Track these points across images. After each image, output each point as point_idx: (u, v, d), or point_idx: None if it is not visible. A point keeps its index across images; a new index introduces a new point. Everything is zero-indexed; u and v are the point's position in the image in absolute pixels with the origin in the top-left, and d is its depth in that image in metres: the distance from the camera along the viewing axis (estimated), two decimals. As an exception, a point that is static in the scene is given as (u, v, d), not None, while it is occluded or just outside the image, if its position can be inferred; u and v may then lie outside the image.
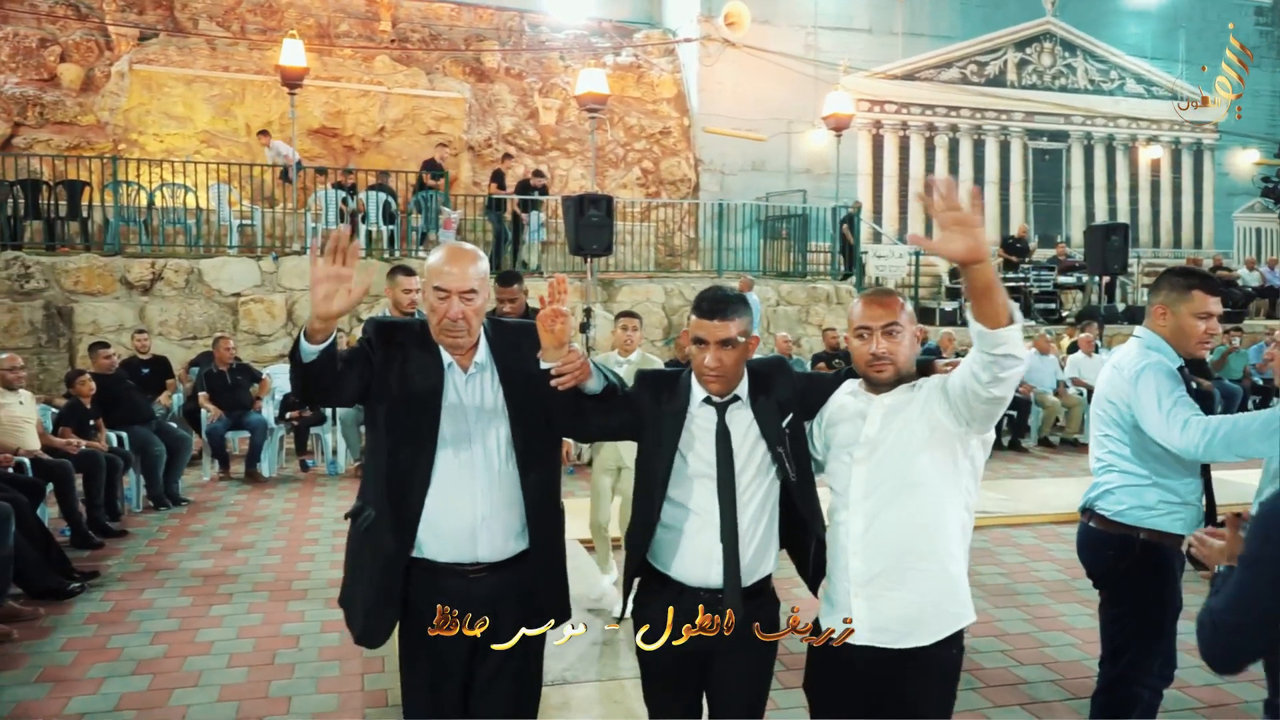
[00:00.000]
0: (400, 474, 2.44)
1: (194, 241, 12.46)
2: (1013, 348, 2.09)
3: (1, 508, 5.24)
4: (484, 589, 2.46)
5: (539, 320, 2.33)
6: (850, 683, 2.43)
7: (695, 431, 2.47)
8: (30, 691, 4.26)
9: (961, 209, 2.00)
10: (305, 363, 2.23)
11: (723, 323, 2.40)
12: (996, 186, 19.45)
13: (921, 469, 2.33)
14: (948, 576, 2.37)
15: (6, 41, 14.43)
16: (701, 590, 2.45)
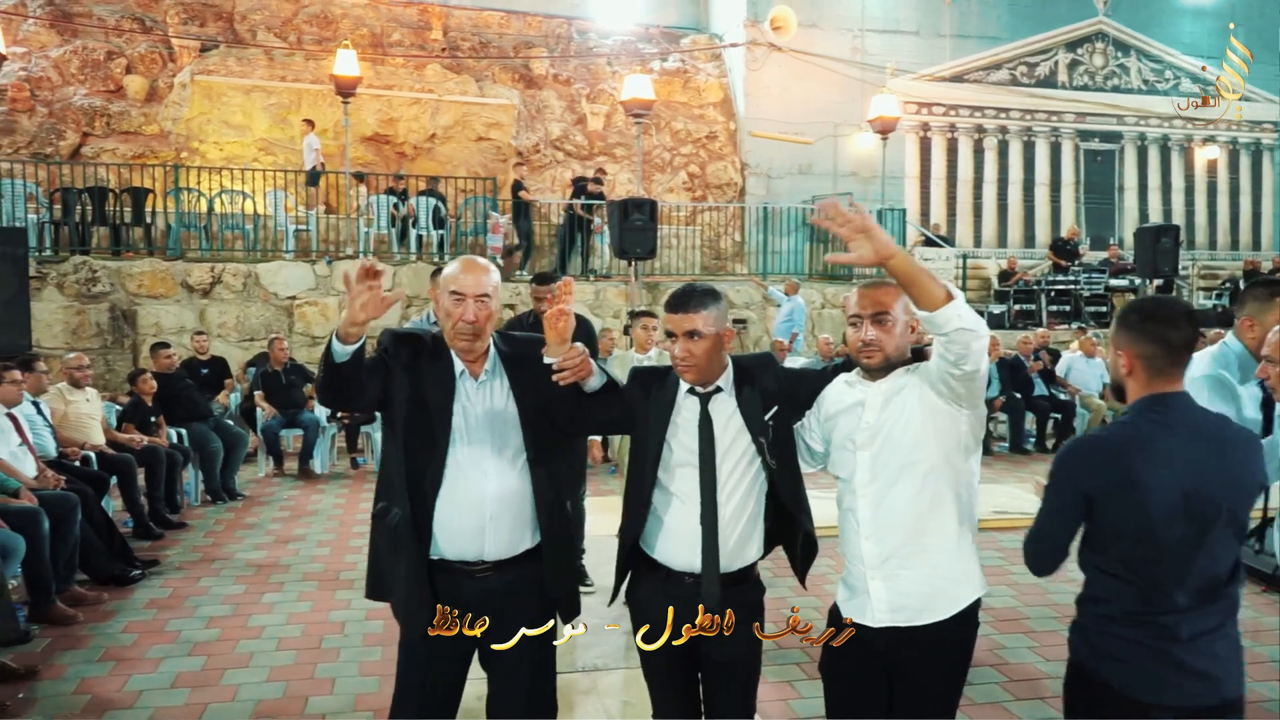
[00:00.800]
0: (416, 476, 2.58)
1: (251, 246, 12.86)
2: (961, 322, 2.20)
3: (69, 498, 5.55)
4: (490, 587, 2.60)
5: (545, 319, 2.50)
6: (867, 664, 2.51)
7: (680, 421, 2.62)
8: (94, 669, 4.52)
9: (855, 219, 2.18)
10: (337, 363, 2.39)
11: (686, 315, 2.56)
12: (1047, 188, 19.26)
13: (922, 449, 2.43)
14: (956, 551, 2.47)
15: (76, 55, 15.01)
16: (686, 575, 2.59)
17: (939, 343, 2.26)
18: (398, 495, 2.60)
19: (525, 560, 2.66)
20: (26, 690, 4.28)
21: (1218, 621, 2.27)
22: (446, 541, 2.60)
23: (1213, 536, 2.24)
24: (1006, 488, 8.51)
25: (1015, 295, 16.43)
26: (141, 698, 4.21)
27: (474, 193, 14.27)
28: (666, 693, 2.71)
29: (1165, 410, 2.29)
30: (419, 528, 2.58)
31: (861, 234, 2.17)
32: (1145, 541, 2.23)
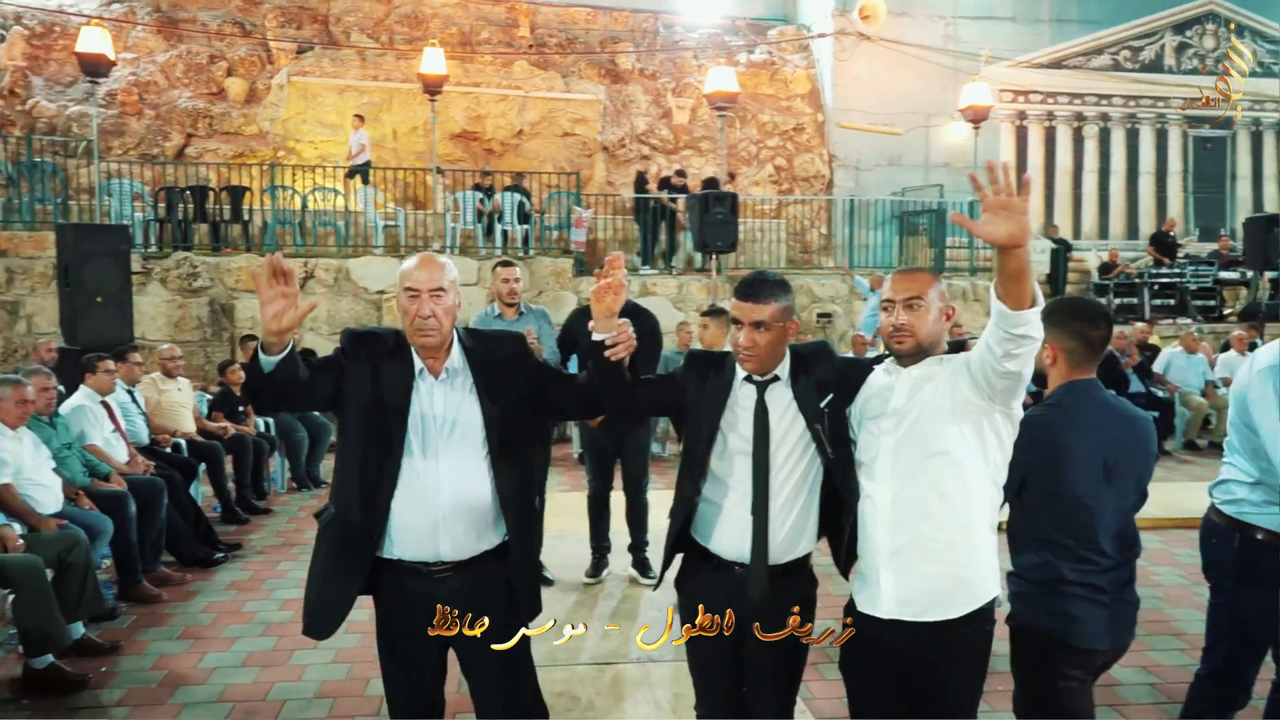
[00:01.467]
0: (369, 476, 2.54)
1: (343, 242, 13.21)
2: (1031, 329, 2.14)
3: (156, 483, 5.80)
4: (448, 588, 2.55)
5: (593, 294, 2.47)
6: (881, 659, 2.47)
7: (736, 410, 2.58)
8: (172, 646, 4.72)
9: (1012, 195, 2.07)
10: (266, 374, 2.37)
11: (755, 305, 2.52)
12: (1152, 178, 18.47)
13: (947, 439, 2.37)
14: (973, 549, 2.40)
15: (180, 59, 15.64)
16: (735, 564, 2.56)
17: (995, 336, 2.18)
18: (350, 495, 2.57)
19: (487, 560, 2.61)
20: (109, 664, 4.49)
21: (1129, 573, 2.72)
22: (402, 542, 2.56)
23: (1126, 499, 2.69)
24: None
25: (1116, 289, 15.84)
26: (213, 675, 4.37)
27: (558, 188, 14.38)
28: (710, 686, 2.69)
29: (1084, 393, 2.71)
30: (370, 528, 2.54)
31: (1005, 211, 2.06)
32: (1078, 507, 2.59)
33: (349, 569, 2.58)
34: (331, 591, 2.61)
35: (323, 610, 2.62)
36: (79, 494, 5.19)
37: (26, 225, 12.13)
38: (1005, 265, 2.11)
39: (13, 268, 11.35)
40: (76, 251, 8.81)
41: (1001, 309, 2.14)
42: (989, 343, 2.21)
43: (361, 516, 2.54)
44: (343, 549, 2.60)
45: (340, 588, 2.59)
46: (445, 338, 2.57)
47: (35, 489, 4.83)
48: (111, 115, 14.92)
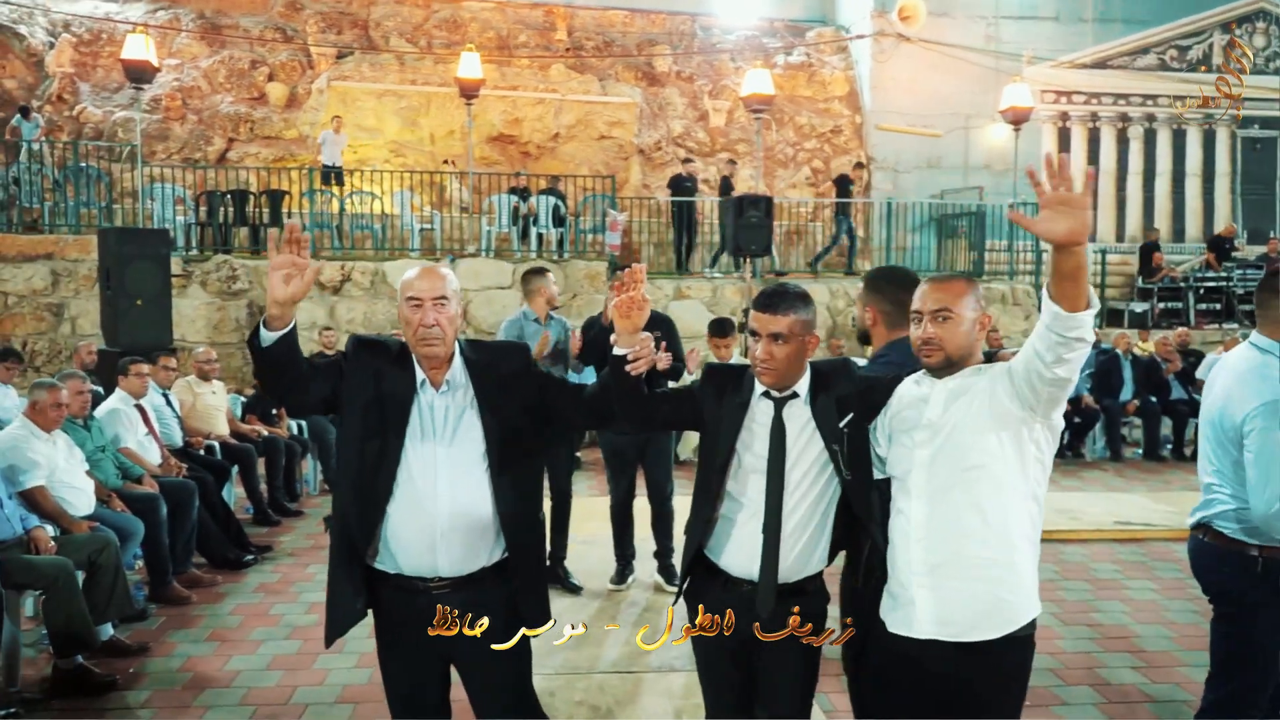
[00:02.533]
0: (365, 486, 2.50)
1: (379, 245, 13.33)
2: (1085, 331, 2.08)
3: (187, 485, 5.88)
4: (447, 604, 2.43)
5: (616, 308, 2.37)
6: (915, 681, 2.39)
7: (753, 427, 2.53)
8: (199, 649, 4.78)
9: (1072, 190, 2.00)
10: (264, 348, 2.35)
11: (774, 317, 2.46)
12: (1199, 179, 18.08)
13: (985, 452, 2.29)
14: (1013, 567, 2.32)
15: (223, 65, 15.89)
16: (744, 582, 2.51)
17: (1045, 340, 2.11)
18: (347, 505, 2.55)
19: (486, 576, 2.56)
20: (138, 665, 4.56)
21: None
22: (399, 555, 2.52)
23: None
24: (1134, 497, 8.06)
25: (1160, 293, 15.55)
26: (239, 677, 4.42)
27: (594, 190, 14.41)
28: (720, 699, 2.65)
29: (906, 349, 2.63)
30: (364, 539, 2.51)
31: (1065, 206, 1.98)
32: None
33: (353, 579, 2.57)
34: (341, 601, 2.60)
35: (334, 619, 2.61)
36: (111, 496, 5.27)
37: (72, 229, 12.38)
38: (1062, 264, 2.03)
39: (58, 270, 11.59)
40: (118, 255, 8.97)
41: (1056, 310, 2.06)
42: (1037, 349, 2.14)
43: (358, 528, 2.52)
44: (344, 559, 2.58)
45: (349, 598, 2.58)
46: (449, 348, 2.54)
47: (68, 491, 4.91)
48: (156, 120, 15.19)
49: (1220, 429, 3.02)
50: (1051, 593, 5.72)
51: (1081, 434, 10.31)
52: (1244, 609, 3.04)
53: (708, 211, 14.82)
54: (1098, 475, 9.34)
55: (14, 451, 4.76)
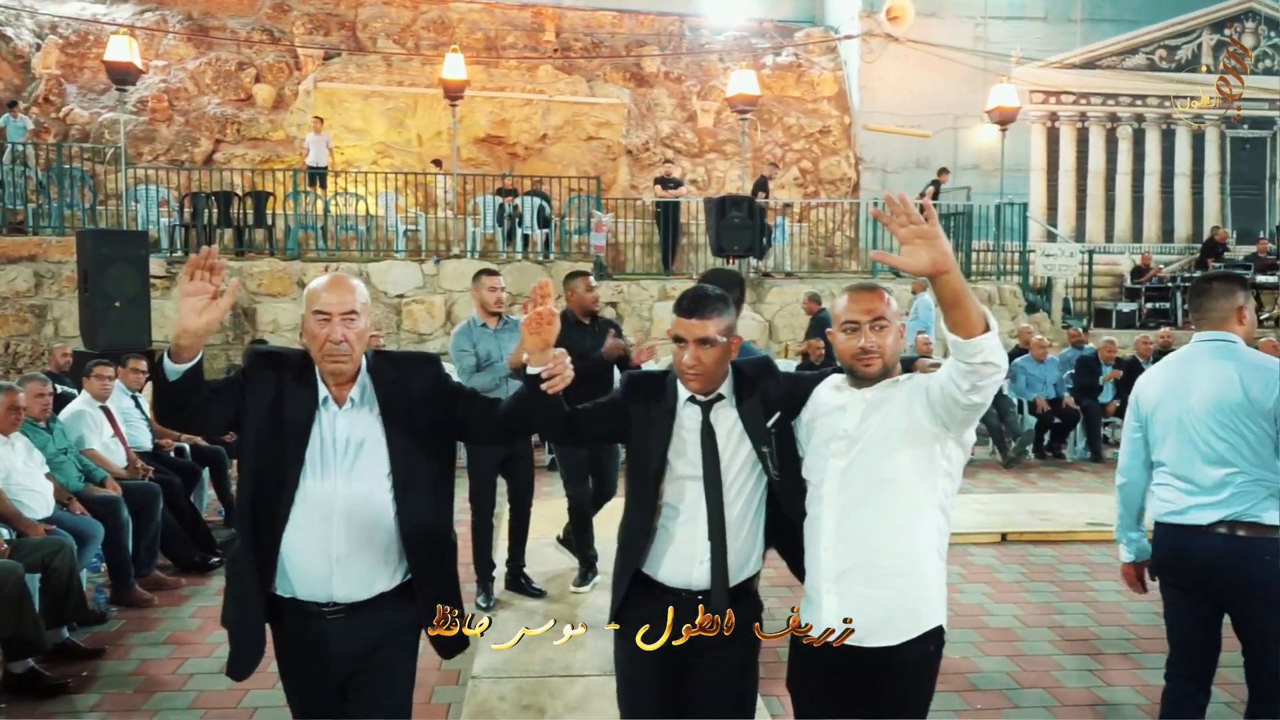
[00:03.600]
0: (261, 507, 2.38)
1: (364, 246, 13.33)
2: (990, 355, 2.07)
3: (151, 488, 5.87)
4: (341, 629, 2.40)
5: (525, 325, 2.30)
6: (827, 679, 2.42)
7: (682, 434, 2.48)
8: (155, 651, 4.77)
9: (920, 223, 2.01)
10: (171, 382, 2.19)
11: (701, 321, 2.41)
12: (1188, 179, 18.11)
13: (896, 466, 2.31)
14: (919, 577, 2.35)
15: (210, 66, 15.90)
16: (683, 592, 2.46)
17: (957, 369, 2.12)
18: (242, 527, 2.43)
19: (386, 600, 2.43)
20: (91, 668, 4.55)
21: None
22: (295, 581, 2.39)
23: None
24: (1110, 498, 8.01)
25: (1148, 293, 15.56)
26: (191, 680, 4.41)
27: (580, 191, 14.41)
28: (641, 697, 2.57)
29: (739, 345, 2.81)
30: (260, 562, 2.38)
31: (921, 240, 2.01)
32: None
33: (254, 606, 2.42)
34: (244, 632, 2.45)
35: (240, 651, 2.46)
36: (71, 499, 5.27)
37: (56, 230, 12.38)
38: (940, 293, 2.05)
39: (41, 272, 11.60)
40: (96, 257, 8.95)
41: (954, 339, 2.08)
42: (953, 377, 2.14)
43: (256, 552, 2.38)
44: (243, 588, 2.44)
45: (252, 626, 2.44)
46: (356, 364, 2.42)
47: (25, 494, 4.90)
48: (142, 122, 15.20)
49: (1234, 415, 3.12)
50: (1015, 594, 5.72)
51: (1062, 435, 10.30)
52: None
53: (694, 212, 14.81)
54: (1075, 476, 9.33)
55: (-31, 455, 4.76)
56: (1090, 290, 15.41)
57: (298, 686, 2.52)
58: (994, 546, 6.70)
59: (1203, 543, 3.18)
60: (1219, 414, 3.16)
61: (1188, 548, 3.21)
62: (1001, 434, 9.78)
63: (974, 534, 6.82)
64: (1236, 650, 3.29)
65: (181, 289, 2.17)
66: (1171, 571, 3.33)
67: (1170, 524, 3.25)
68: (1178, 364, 3.36)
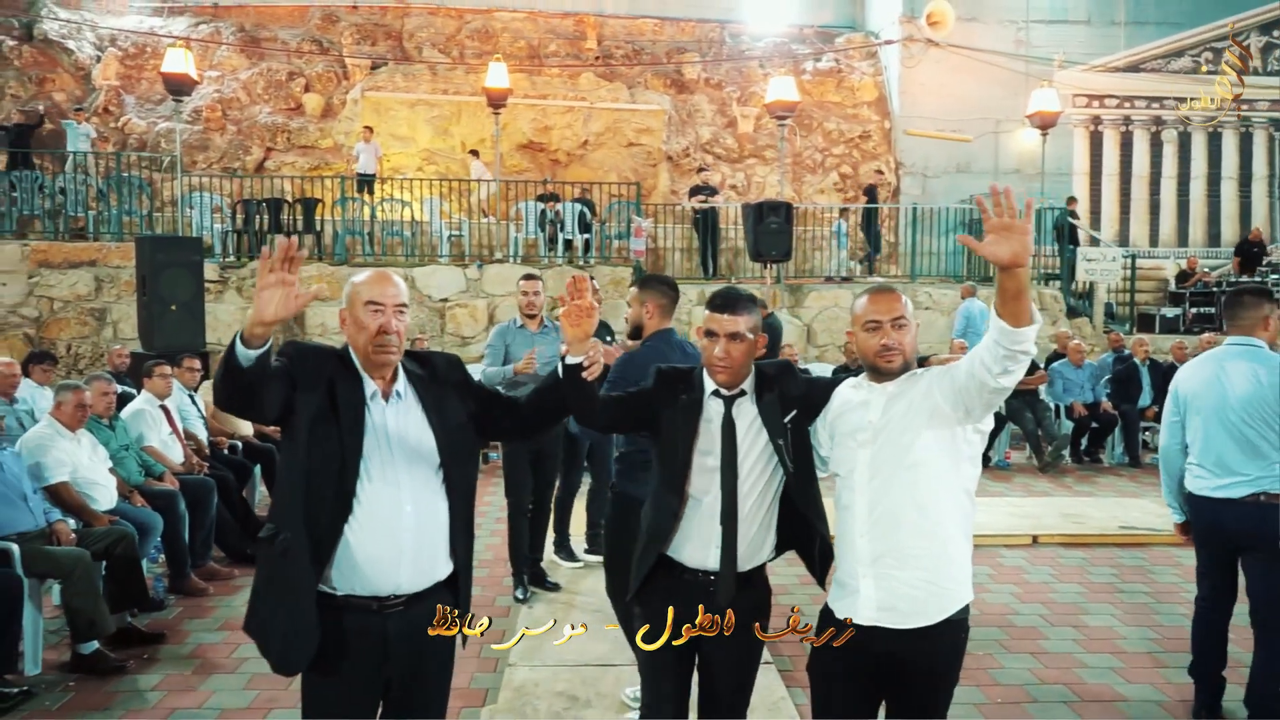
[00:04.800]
0: (318, 501, 2.35)
1: (410, 251, 13.64)
2: (1028, 345, 2.25)
3: (206, 482, 6.15)
4: (397, 624, 2.42)
5: (565, 316, 2.41)
6: (857, 664, 2.53)
7: (706, 424, 2.66)
8: (210, 636, 5.03)
9: (1015, 216, 2.17)
10: (242, 368, 2.19)
11: (733, 318, 2.61)
12: (1235, 183, 17.88)
13: (922, 450, 2.47)
14: (947, 557, 2.50)
15: (261, 77, 16.34)
16: (700, 572, 2.65)
17: (993, 353, 2.27)
18: (293, 522, 2.36)
19: (438, 591, 2.48)
20: (152, 651, 4.81)
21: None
22: (356, 575, 2.38)
23: None
24: (1144, 502, 8.05)
25: (1192, 298, 15.40)
26: (243, 665, 4.65)
27: (620, 197, 14.61)
28: (662, 687, 2.75)
29: (668, 338, 3.82)
30: (316, 556, 2.35)
31: (1007, 232, 2.16)
32: None
33: (307, 600, 2.36)
34: (298, 625, 2.37)
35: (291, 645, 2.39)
36: (133, 492, 5.55)
37: (115, 236, 12.82)
38: (1006, 284, 2.20)
39: (101, 277, 12.04)
40: (153, 262, 9.32)
41: (1003, 326, 2.23)
42: (985, 360, 2.30)
43: (312, 549, 2.35)
44: (290, 585, 2.38)
45: (307, 620, 2.36)
46: (400, 357, 2.48)
47: (91, 487, 5.19)
48: (197, 131, 15.66)
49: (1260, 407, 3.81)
50: (1043, 595, 5.79)
51: (1100, 440, 10.29)
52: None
53: (733, 218, 14.94)
54: (1112, 481, 9.33)
55: (40, 449, 5.06)
56: (1133, 295, 15.30)
57: (338, 691, 2.44)
58: (1025, 548, 6.77)
59: (1234, 512, 3.86)
60: (1247, 407, 3.83)
61: (1221, 516, 3.90)
62: (1038, 438, 9.80)
63: (1005, 536, 6.90)
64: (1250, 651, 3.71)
65: (261, 280, 2.17)
66: (1206, 534, 4.03)
67: (1206, 497, 3.94)
68: (1211, 362, 4.03)
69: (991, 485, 9.00)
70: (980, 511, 7.66)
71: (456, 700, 4.28)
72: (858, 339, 2.59)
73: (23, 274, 11.93)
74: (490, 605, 5.51)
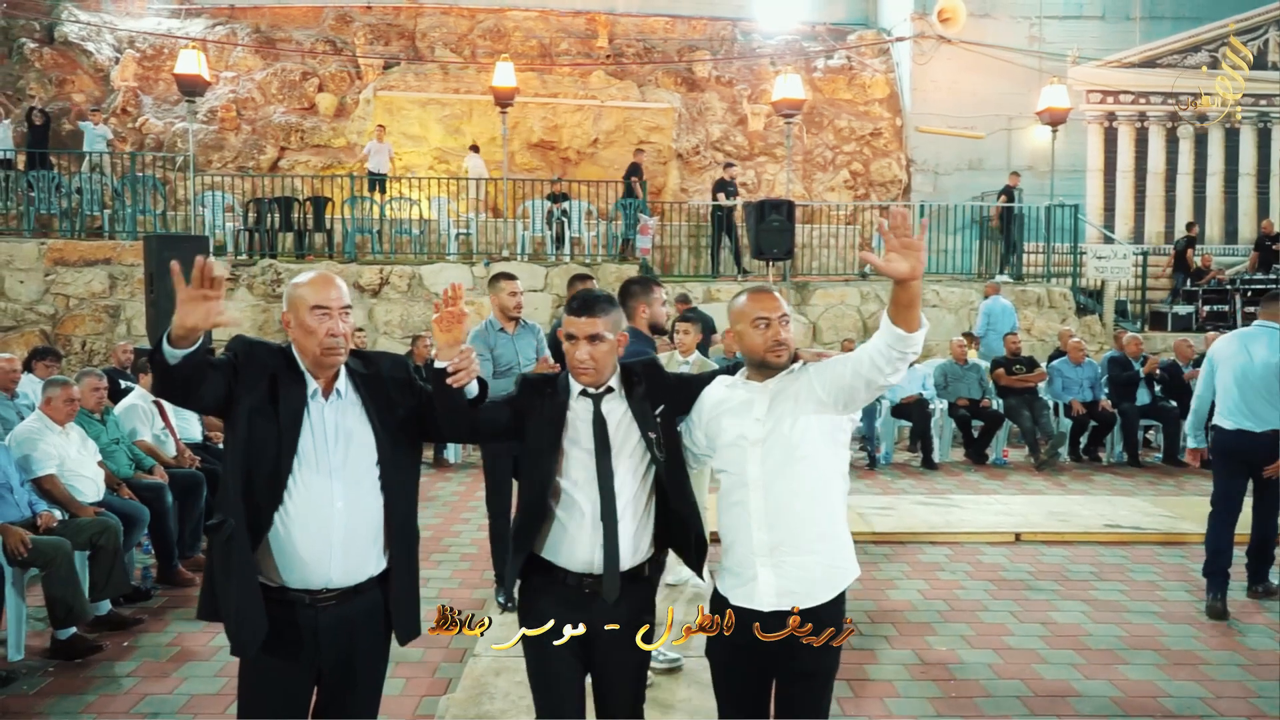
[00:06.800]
0: (256, 494, 2.43)
1: (418, 249, 13.79)
2: (919, 347, 2.44)
3: (196, 476, 6.31)
4: (329, 617, 2.49)
5: (435, 323, 2.49)
6: (757, 646, 2.60)
7: (576, 424, 2.70)
8: (191, 626, 5.15)
9: (910, 236, 2.34)
10: (169, 364, 2.27)
11: (590, 319, 2.66)
12: (1253, 179, 17.68)
13: (809, 444, 2.60)
14: (836, 538, 2.66)
15: (276, 77, 16.56)
16: (585, 576, 2.66)
17: (885, 355, 2.45)
18: (234, 511, 2.45)
19: (370, 587, 2.56)
20: (131, 639, 4.96)
21: None
22: (289, 567, 2.47)
23: None
24: (1135, 501, 8.04)
25: (1205, 295, 15.26)
26: (218, 653, 4.77)
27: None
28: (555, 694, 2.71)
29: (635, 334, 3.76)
30: (255, 547, 2.44)
31: (905, 250, 2.33)
32: None
33: (253, 586, 2.43)
34: (249, 610, 2.43)
35: (244, 634, 2.45)
36: (121, 485, 5.71)
37: (129, 235, 13.06)
38: (900, 295, 2.37)
39: (115, 275, 12.28)
40: (160, 260, 9.47)
41: (898, 332, 2.41)
42: (876, 361, 2.47)
43: (247, 539, 2.43)
44: (238, 570, 2.45)
45: (255, 605, 2.43)
46: (345, 357, 2.56)
47: (78, 480, 5.35)
48: (212, 131, 15.91)
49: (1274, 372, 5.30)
50: (1017, 592, 5.82)
51: (1099, 438, 10.26)
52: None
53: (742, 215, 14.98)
54: (1109, 480, 9.30)
55: (28, 443, 5.22)
56: (1144, 293, 15.19)
57: (268, 682, 2.52)
58: (1007, 546, 6.80)
59: (1252, 441, 5.36)
60: (1265, 371, 5.31)
61: (1239, 443, 5.39)
62: (1035, 437, 9.79)
63: (987, 533, 6.93)
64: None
65: (179, 295, 2.24)
66: (1224, 456, 5.51)
67: (1230, 429, 5.43)
68: (1242, 336, 5.56)
69: (986, 483, 9.01)
70: (965, 509, 7.89)
71: (420, 689, 4.42)
72: (745, 336, 2.67)
73: (40, 272, 12.20)
74: (468, 601, 5.62)
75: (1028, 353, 11.26)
